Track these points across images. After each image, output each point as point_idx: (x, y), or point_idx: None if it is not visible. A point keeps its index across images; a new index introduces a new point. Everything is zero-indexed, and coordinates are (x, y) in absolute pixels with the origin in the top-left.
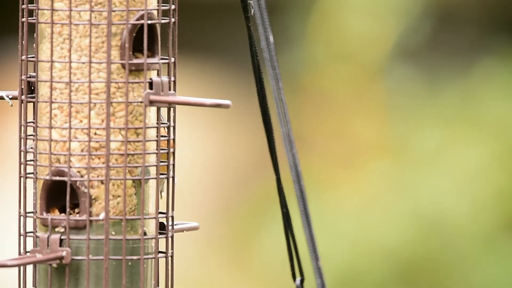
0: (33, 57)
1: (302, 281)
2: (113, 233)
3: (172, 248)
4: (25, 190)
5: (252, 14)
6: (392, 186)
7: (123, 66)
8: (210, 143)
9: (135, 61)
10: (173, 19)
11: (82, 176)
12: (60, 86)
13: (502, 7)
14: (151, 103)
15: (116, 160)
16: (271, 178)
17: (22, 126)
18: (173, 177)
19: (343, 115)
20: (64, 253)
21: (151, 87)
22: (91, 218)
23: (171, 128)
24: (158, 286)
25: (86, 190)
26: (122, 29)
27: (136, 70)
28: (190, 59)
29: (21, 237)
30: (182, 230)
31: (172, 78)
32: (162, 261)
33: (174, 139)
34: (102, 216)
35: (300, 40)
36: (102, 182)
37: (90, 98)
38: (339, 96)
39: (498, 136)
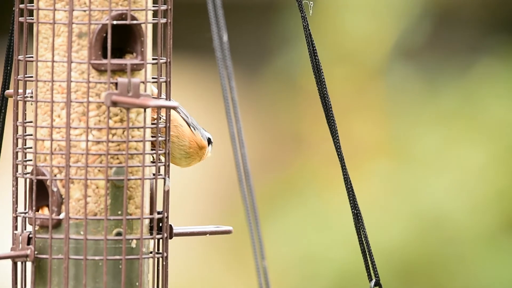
0: (29, 56)
1: (377, 282)
2: (82, 232)
3: (162, 250)
4: (13, 190)
5: (311, 14)
6: (392, 186)
7: (92, 66)
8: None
9: (100, 61)
10: (166, 20)
11: (55, 175)
12: (39, 85)
13: (502, 7)
14: (114, 104)
15: (86, 160)
16: (272, 178)
17: (16, 126)
18: (164, 179)
19: (343, 115)
20: (28, 251)
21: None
22: (54, 217)
23: (162, 129)
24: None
25: (55, 189)
26: (93, 29)
27: (105, 70)
28: (189, 59)
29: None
30: (205, 233)
31: (166, 79)
32: (141, 263)
33: (168, 140)
34: (62, 215)
35: (299, 40)
36: (72, 181)
37: (56, 97)
38: (339, 96)
39: (498, 136)
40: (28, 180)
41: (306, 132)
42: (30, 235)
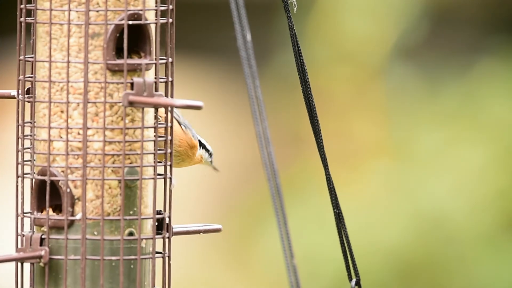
0: (31, 56)
1: (358, 282)
2: (95, 233)
3: (167, 249)
4: (20, 190)
5: (295, 12)
6: (392, 186)
7: (106, 66)
8: (211, 142)
9: (114, 61)
10: (165, 20)
11: (66, 176)
12: (48, 86)
13: (501, 7)
14: (131, 103)
15: (100, 160)
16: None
17: (19, 126)
18: (170, 178)
19: (343, 115)
20: (42, 252)
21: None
22: (70, 218)
23: (166, 129)
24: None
25: (68, 190)
26: (106, 29)
27: (121, 70)
28: (188, 59)
29: (18, 236)
30: (199, 232)
31: (166, 78)
32: (153, 262)
33: (171, 140)
34: (79, 216)
35: (300, 40)
36: (85, 181)
37: (71, 97)
38: (339, 96)
39: (498, 135)
40: (34, 181)
41: (306, 132)
42: (43, 236)
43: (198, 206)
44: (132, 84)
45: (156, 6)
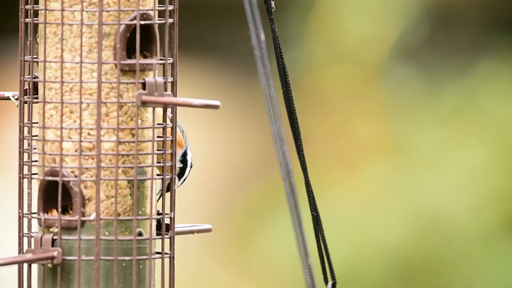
0: (34, 57)
1: (334, 284)
2: (106, 233)
3: (172, 249)
4: (23, 191)
5: (273, 10)
6: (392, 186)
7: (116, 66)
8: (210, 143)
9: (127, 61)
10: (172, 20)
11: (75, 177)
12: (55, 86)
13: (502, 7)
14: (144, 103)
15: (110, 160)
16: (271, 179)
17: (22, 127)
18: (174, 178)
19: (343, 115)
20: (55, 253)
21: (145, 88)
22: (83, 219)
23: (171, 129)
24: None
25: (78, 190)
26: (116, 29)
27: (131, 70)
28: (191, 59)
29: (21, 237)
30: (192, 232)
31: (172, 79)
32: (162, 262)
33: (174, 140)
34: (93, 216)
35: (300, 40)
36: (95, 182)
37: (82, 98)
38: (339, 96)
39: (498, 136)
40: (40, 182)
41: (308, 132)
42: (54, 237)
43: (197, 206)
44: (141, 84)
45: (164, 6)
